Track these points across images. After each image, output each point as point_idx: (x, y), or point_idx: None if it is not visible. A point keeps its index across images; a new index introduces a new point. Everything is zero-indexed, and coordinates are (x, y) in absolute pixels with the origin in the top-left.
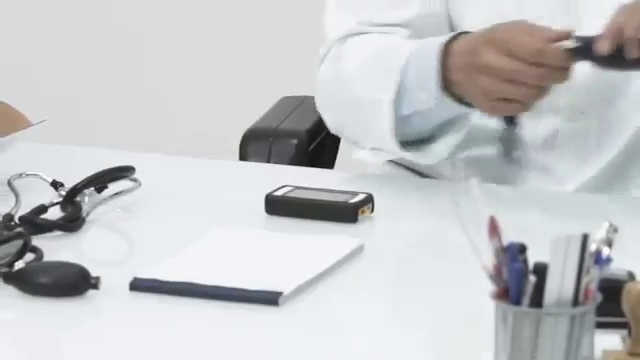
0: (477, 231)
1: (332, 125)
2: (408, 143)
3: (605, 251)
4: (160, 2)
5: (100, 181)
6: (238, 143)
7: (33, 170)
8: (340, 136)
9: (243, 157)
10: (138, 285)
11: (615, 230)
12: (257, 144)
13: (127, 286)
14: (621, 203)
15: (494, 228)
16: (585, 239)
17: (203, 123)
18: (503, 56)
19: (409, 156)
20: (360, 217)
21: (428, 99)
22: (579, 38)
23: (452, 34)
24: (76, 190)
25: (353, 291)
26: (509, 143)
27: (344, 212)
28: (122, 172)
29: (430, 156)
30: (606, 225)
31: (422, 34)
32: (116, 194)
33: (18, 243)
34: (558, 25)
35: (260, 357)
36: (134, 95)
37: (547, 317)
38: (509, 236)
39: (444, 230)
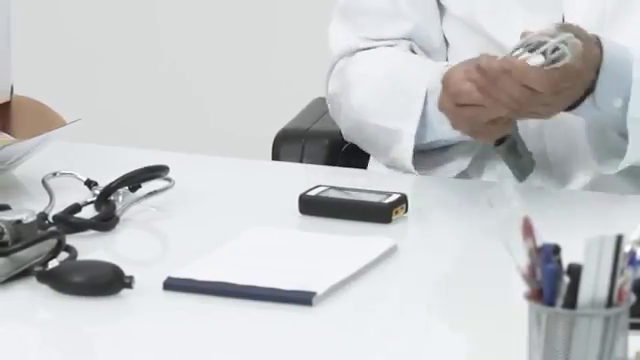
0: (511, 231)
1: (346, 136)
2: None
3: (639, 252)
4: (197, 5)
5: (134, 180)
6: (271, 144)
7: (67, 169)
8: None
9: (276, 158)
10: (172, 284)
11: None
12: (289, 145)
13: (161, 285)
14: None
15: (528, 229)
16: (619, 240)
17: (236, 124)
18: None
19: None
20: (394, 217)
21: (450, 130)
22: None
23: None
24: (110, 189)
25: (386, 291)
26: (516, 169)
27: (378, 212)
28: (156, 171)
29: (444, 172)
30: None
31: (424, 42)
32: (150, 193)
33: (52, 242)
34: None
35: (293, 357)
36: (169, 96)
37: (581, 318)
38: (542, 236)
39: (478, 230)
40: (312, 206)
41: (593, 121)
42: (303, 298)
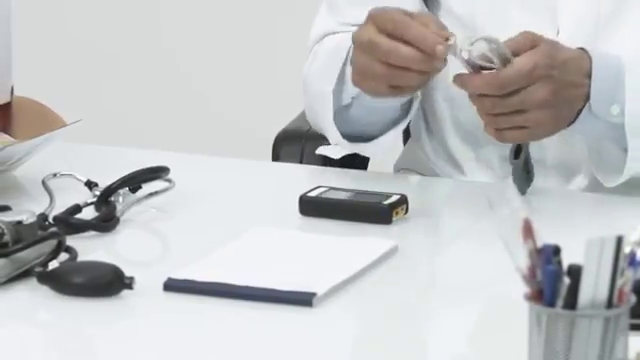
0: (511, 232)
1: (307, 118)
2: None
3: (639, 253)
4: (198, 5)
5: (134, 181)
6: (271, 145)
7: (67, 170)
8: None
9: (276, 159)
10: (172, 285)
11: None
12: (290, 146)
13: (161, 286)
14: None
15: (528, 230)
16: (620, 241)
17: (237, 124)
18: (382, 35)
19: (355, 148)
20: (394, 218)
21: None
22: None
23: None
24: (110, 190)
25: (387, 292)
26: (521, 182)
27: (378, 213)
28: (156, 172)
29: (376, 147)
30: None
31: None
32: (150, 194)
33: (52, 243)
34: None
35: (293, 358)
36: (169, 96)
37: (581, 319)
38: (543, 237)
39: (478, 231)
40: (312, 207)
41: (592, 137)
42: (303, 299)
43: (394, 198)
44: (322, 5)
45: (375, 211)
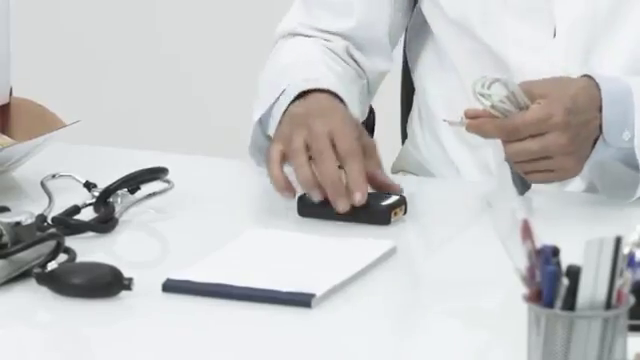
0: (510, 233)
1: None
2: None
3: (638, 254)
4: (197, 6)
5: (133, 182)
6: None
7: (66, 171)
8: None
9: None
10: (171, 286)
11: None
12: None
13: (160, 287)
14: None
15: (527, 230)
16: (618, 242)
17: (235, 125)
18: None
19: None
20: (393, 219)
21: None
22: None
23: (305, 88)
24: (109, 191)
25: (385, 293)
26: (519, 182)
27: (377, 214)
28: (155, 173)
29: None
30: (639, 228)
31: (362, 43)
32: (149, 195)
33: (51, 244)
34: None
35: (292, 359)
36: (167, 97)
37: (580, 320)
38: (541, 238)
39: (477, 232)
40: (311, 208)
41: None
42: (302, 300)
43: (392, 199)
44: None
45: (374, 212)
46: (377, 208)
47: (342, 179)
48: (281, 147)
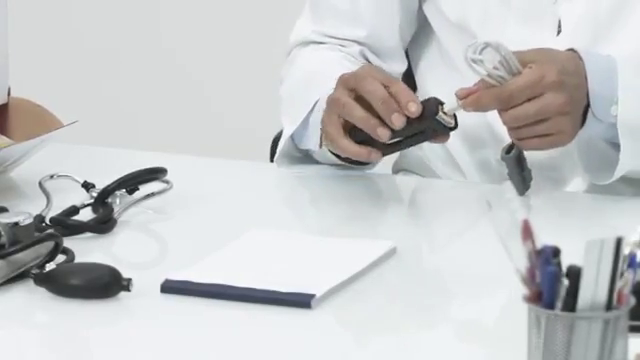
0: (510, 233)
1: None
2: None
3: (639, 254)
4: (197, 6)
5: (132, 183)
6: (269, 145)
7: (64, 171)
8: None
9: (274, 160)
10: (169, 287)
11: None
12: None
13: (159, 288)
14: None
15: (527, 231)
16: (619, 242)
17: (235, 125)
18: (345, 91)
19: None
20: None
21: (315, 144)
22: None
23: None
24: (107, 191)
25: (386, 294)
26: (517, 180)
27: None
28: (154, 174)
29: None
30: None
31: (377, 49)
32: (148, 196)
33: (49, 244)
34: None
35: (292, 359)
36: (166, 97)
37: (580, 321)
38: (542, 239)
39: (477, 233)
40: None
41: (589, 138)
42: (302, 300)
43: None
44: (306, 5)
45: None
46: (430, 108)
47: (389, 96)
48: (334, 118)
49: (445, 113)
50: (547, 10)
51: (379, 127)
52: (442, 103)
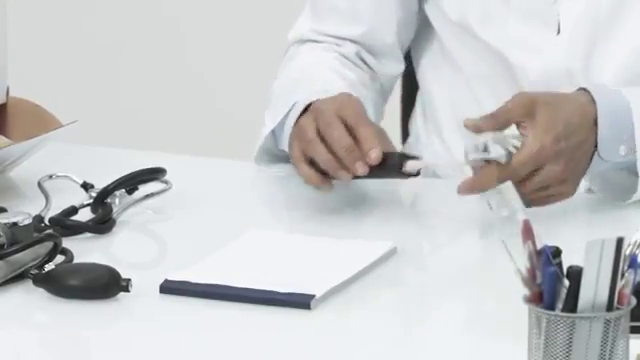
0: (510, 234)
1: None
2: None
3: None
4: (196, 6)
5: (131, 183)
6: None
7: (63, 171)
8: None
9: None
10: (169, 287)
11: None
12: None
13: (158, 288)
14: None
15: (528, 231)
16: (620, 243)
17: (234, 125)
18: (313, 126)
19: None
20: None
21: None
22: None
23: (311, 100)
24: (107, 192)
25: (385, 294)
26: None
27: (392, 167)
28: (153, 174)
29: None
30: None
31: (373, 48)
32: (147, 196)
33: (48, 245)
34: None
35: None
36: (166, 97)
37: (581, 321)
38: (542, 239)
39: (477, 233)
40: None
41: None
42: (301, 301)
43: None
44: (306, 4)
45: (389, 165)
46: (392, 161)
47: (353, 144)
48: (299, 144)
49: (406, 170)
50: (547, 9)
51: (340, 170)
52: (408, 158)
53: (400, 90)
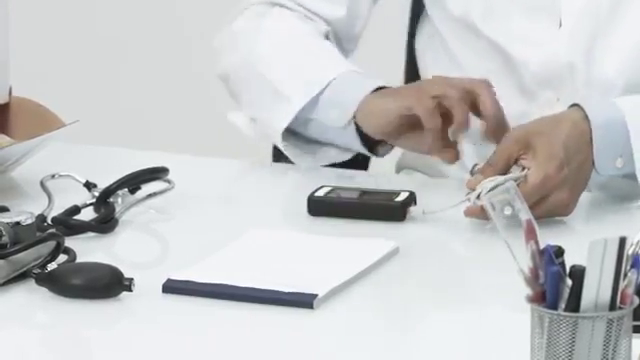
0: (514, 234)
1: (222, 73)
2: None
3: None
4: (195, 6)
5: (134, 182)
6: (271, 145)
7: (66, 171)
8: (224, 82)
9: (276, 159)
10: (171, 287)
11: None
12: None
13: (160, 288)
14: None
15: (531, 231)
16: (623, 242)
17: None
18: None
19: (287, 152)
20: (408, 215)
21: (338, 118)
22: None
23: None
24: (109, 191)
25: (388, 294)
26: None
27: (392, 211)
28: (156, 173)
29: (312, 158)
30: None
31: (341, 36)
32: (150, 195)
33: (51, 244)
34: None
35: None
36: (167, 96)
37: (584, 321)
38: (545, 239)
39: (480, 233)
40: (322, 207)
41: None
42: (304, 300)
43: (404, 195)
44: None
45: (388, 209)
46: (391, 205)
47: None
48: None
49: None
50: (550, 3)
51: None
52: (415, 202)
53: None
